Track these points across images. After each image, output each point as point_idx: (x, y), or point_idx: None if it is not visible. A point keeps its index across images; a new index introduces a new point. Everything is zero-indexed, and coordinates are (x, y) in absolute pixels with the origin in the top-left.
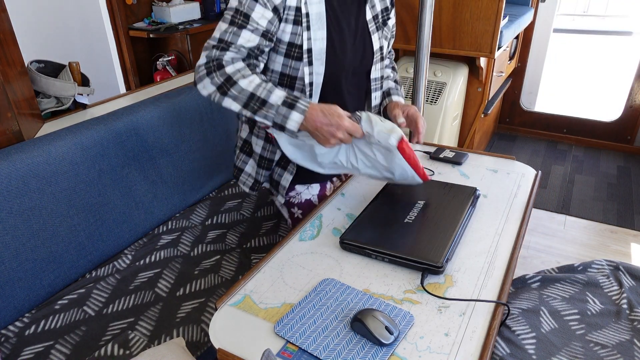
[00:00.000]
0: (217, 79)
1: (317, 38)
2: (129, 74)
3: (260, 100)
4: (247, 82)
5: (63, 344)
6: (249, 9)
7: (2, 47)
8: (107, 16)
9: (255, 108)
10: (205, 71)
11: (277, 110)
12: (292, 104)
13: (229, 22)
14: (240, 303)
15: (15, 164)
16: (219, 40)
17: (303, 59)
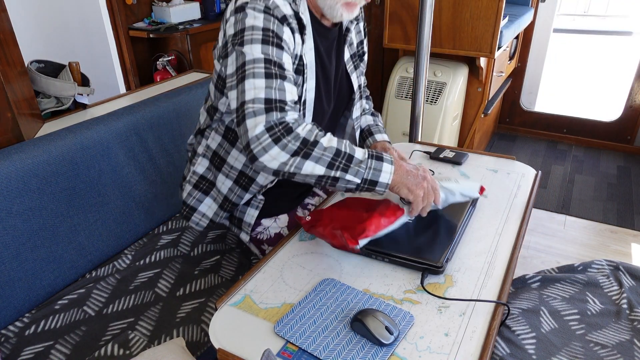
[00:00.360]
0: (292, 145)
1: (309, 88)
2: (129, 74)
3: (347, 157)
4: (327, 140)
5: (63, 344)
6: (279, 57)
7: (2, 47)
8: (107, 16)
9: (342, 166)
10: (270, 139)
11: (367, 164)
12: (378, 156)
13: (265, 75)
14: (240, 303)
15: (15, 164)
16: (267, 101)
17: (299, 111)
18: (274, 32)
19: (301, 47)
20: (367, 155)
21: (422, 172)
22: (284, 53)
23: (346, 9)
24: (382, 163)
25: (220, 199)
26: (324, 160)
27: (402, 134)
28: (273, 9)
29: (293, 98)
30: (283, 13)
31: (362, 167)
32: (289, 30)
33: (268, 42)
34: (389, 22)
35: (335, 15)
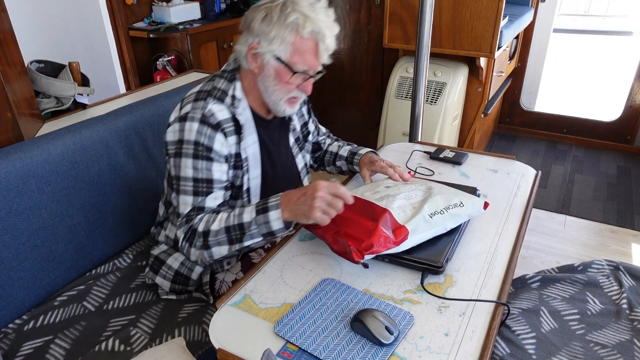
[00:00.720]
0: (197, 243)
1: (254, 177)
2: (129, 74)
3: (237, 227)
4: (218, 223)
5: (63, 338)
6: (207, 172)
7: (2, 47)
8: (107, 16)
9: (238, 237)
10: (187, 245)
11: (256, 223)
12: (264, 208)
13: (193, 192)
14: (241, 303)
15: (14, 164)
16: (188, 214)
17: (242, 198)
18: (203, 145)
19: (237, 146)
20: (255, 214)
21: (310, 192)
22: (213, 163)
23: (289, 104)
24: (267, 214)
25: (172, 275)
26: (222, 242)
27: (402, 134)
28: (208, 117)
29: (211, 206)
30: (217, 120)
31: (253, 228)
32: (222, 136)
33: (199, 157)
34: (389, 22)
35: (279, 111)
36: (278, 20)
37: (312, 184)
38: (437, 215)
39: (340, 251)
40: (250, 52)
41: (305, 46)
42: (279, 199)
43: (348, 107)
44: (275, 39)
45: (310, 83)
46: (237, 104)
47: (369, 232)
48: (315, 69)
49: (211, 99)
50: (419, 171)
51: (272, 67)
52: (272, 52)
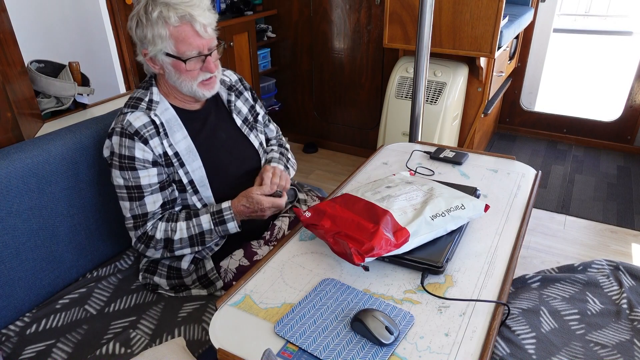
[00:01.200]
0: (157, 246)
1: (195, 169)
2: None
3: (198, 235)
4: (179, 233)
5: (65, 342)
6: (135, 180)
7: (2, 47)
8: (107, 16)
9: (200, 242)
10: (142, 245)
11: (216, 231)
12: (221, 220)
13: (128, 198)
14: (241, 303)
15: (15, 164)
16: (133, 218)
17: (187, 190)
18: (125, 157)
19: (161, 145)
20: (213, 225)
21: (259, 210)
22: (139, 171)
23: (205, 88)
24: (226, 225)
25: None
26: (185, 247)
27: (402, 134)
28: (126, 128)
29: (153, 208)
30: (135, 128)
31: (214, 235)
32: (141, 144)
33: (124, 168)
34: (389, 22)
35: (201, 96)
36: (147, 22)
37: (251, 196)
38: (439, 217)
39: (341, 252)
40: (146, 58)
41: (182, 33)
42: (231, 211)
43: (348, 107)
44: (155, 38)
45: (210, 61)
46: (155, 106)
47: (369, 235)
48: (206, 46)
49: (127, 109)
50: (419, 171)
51: (168, 64)
52: (160, 51)
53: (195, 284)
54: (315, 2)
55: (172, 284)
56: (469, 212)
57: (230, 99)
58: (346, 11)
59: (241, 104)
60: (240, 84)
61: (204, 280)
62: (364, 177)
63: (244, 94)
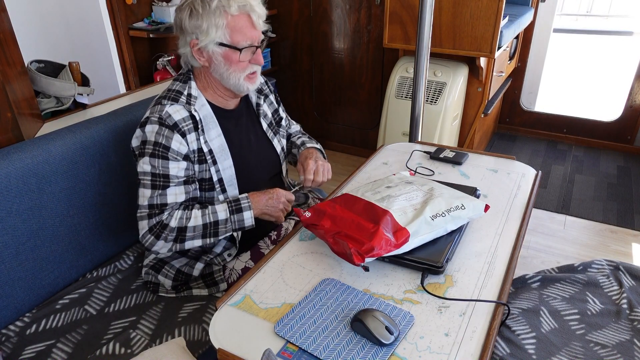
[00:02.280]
0: (169, 237)
1: (225, 167)
2: (129, 74)
3: (213, 224)
4: (194, 220)
5: (64, 342)
6: (164, 169)
7: (2, 47)
8: (107, 16)
9: (214, 232)
10: (152, 237)
11: (231, 221)
12: (238, 208)
13: (151, 186)
14: (241, 303)
15: (14, 164)
16: (149, 207)
17: (215, 189)
18: (161, 145)
19: (197, 141)
20: (229, 213)
21: (276, 197)
22: (169, 162)
23: (249, 81)
24: (242, 214)
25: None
26: (197, 237)
27: (402, 134)
28: (165, 119)
29: (175, 200)
30: (174, 121)
31: (229, 225)
32: (179, 136)
33: (155, 155)
34: (389, 22)
35: (243, 90)
36: (204, 11)
37: (274, 190)
38: (439, 217)
39: (341, 252)
40: (194, 49)
41: (239, 23)
42: (249, 200)
43: (348, 107)
44: (210, 28)
45: (260, 53)
46: (194, 101)
47: (369, 235)
48: (258, 39)
49: (166, 101)
50: (419, 171)
51: (219, 54)
52: (213, 41)
53: (199, 282)
54: (315, 2)
55: (175, 285)
56: (469, 212)
57: (259, 102)
58: (346, 11)
59: (267, 108)
60: (267, 86)
61: (208, 279)
62: (364, 177)
63: (270, 97)
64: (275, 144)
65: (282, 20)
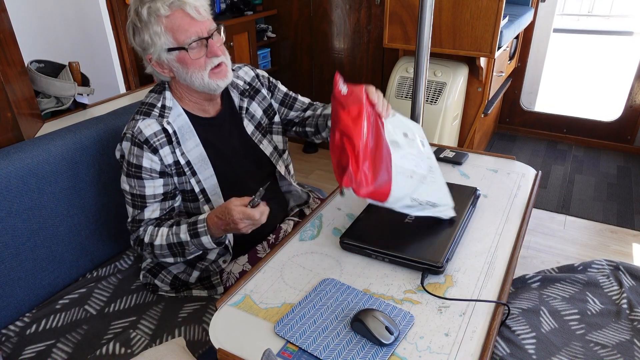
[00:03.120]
0: (147, 251)
1: (206, 177)
2: (129, 74)
3: (177, 245)
4: (160, 239)
5: (65, 342)
6: (140, 189)
7: (2, 47)
8: (107, 16)
9: (180, 252)
10: (138, 248)
11: (192, 243)
12: (195, 232)
13: (132, 205)
14: (241, 303)
15: (14, 164)
16: (131, 222)
17: (199, 199)
18: (133, 165)
19: (172, 154)
20: (189, 237)
21: (232, 222)
22: (144, 181)
23: (216, 77)
24: (200, 238)
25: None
26: (166, 255)
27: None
28: (137, 136)
29: (150, 216)
30: (145, 137)
31: (192, 247)
32: (150, 154)
33: (130, 175)
34: (389, 22)
35: (214, 88)
36: (141, 24)
37: (226, 209)
38: (417, 202)
39: (337, 160)
40: (153, 64)
41: (175, 21)
42: (205, 225)
43: None
44: (153, 38)
45: (213, 45)
46: (168, 112)
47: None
48: (204, 30)
49: (139, 116)
50: None
51: (174, 60)
52: (162, 50)
53: (197, 284)
54: (315, 2)
55: (173, 287)
56: (436, 211)
57: (243, 105)
58: (346, 11)
59: (256, 107)
60: (257, 80)
61: (206, 282)
62: None
63: (262, 92)
64: (264, 146)
65: (282, 20)
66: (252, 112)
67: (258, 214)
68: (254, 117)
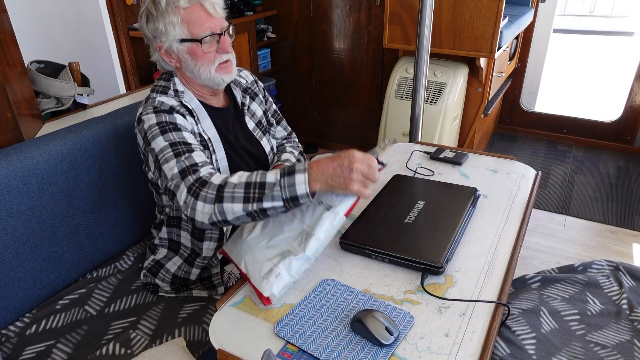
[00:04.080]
0: (210, 194)
1: (220, 158)
2: (129, 74)
3: (258, 185)
4: (237, 178)
5: (65, 342)
6: (181, 138)
7: (2, 47)
8: (107, 16)
9: (257, 196)
10: (192, 198)
11: (280, 184)
12: (290, 171)
13: (174, 156)
14: (241, 303)
15: (15, 164)
16: (180, 172)
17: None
18: (167, 122)
19: (197, 126)
20: (278, 176)
21: (347, 163)
22: (183, 132)
23: (223, 72)
24: (293, 176)
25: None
26: (237, 197)
27: (402, 134)
28: (160, 106)
29: (203, 160)
30: (169, 105)
31: (276, 189)
32: (180, 116)
33: (166, 131)
34: (389, 22)
35: (219, 82)
36: (157, 13)
37: (347, 153)
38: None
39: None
40: (161, 53)
41: (193, 15)
42: (306, 165)
43: (348, 107)
44: (167, 27)
45: (225, 41)
46: (182, 95)
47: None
48: (218, 26)
49: (155, 94)
50: (419, 171)
51: (184, 51)
52: (174, 40)
53: (197, 284)
54: (315, 3)
55: (174, 287)
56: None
57: (245, 101)
58: (346, 11)
59: (256, 106)
60: (256, 85)
61: (206, 282)
62: None
63: (259, 96)
64: (264, 143)
65: (282, 20)
66: (252, 110)
67: (376, 164)
68: (254, 115)
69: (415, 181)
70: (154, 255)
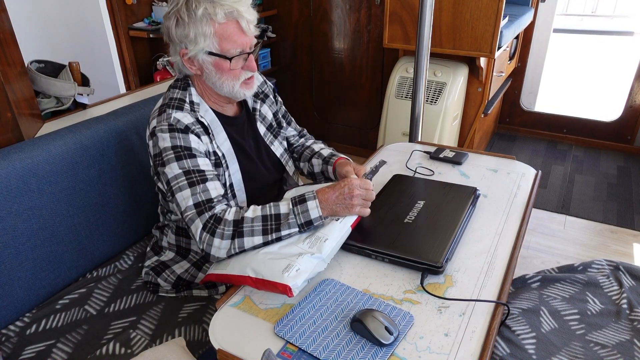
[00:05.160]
0: (227, 231)
1: (234, 172)
2: (129, 74)
3: (274, 217)
4: (252, 212)
5: (65, 342)
6: (195, 165)
7: (2, 47)
8: (107, 16)
9: (274, 226)
10: (208, 235)
11: (294, 212)
12: (301, 199)
13: (189, 185)
14: (241, 303)
15: (15, 164)
16: (195, 205)
17: (227, 194)
18: (182, 147)
19: (211, 144)
20: (291, 205)
21: (347, 191)
22: (197, 159)
23: (246, 87)
24: (305, 204)
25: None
26: (256, 230)
27: (402, 134)
28: (175, 124)
29: (218, 193)
30: (185, 124)
31: (291, 217)
32: (195, 137)
33: (181, 157)
34: (389, 22)
35: (239, 96)
36: (190, 20)
37: (346, 182)
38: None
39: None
40: (184, 59)
41: (227, 30)
42: (313, 192)
43: (348, 107)
44: (198, 37)
45: (252, 60)
46: (197, 107)
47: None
48: (248, 45)
49: (171, 110)
50: (419, 171)
51: (210, 63)
52: (202, 50)
53: (198, 284)
54: (315, 2)
55: (175, 287)
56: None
57: (256, 106)
58: (346, 11)
59: (267, 109)
60: (266, 85)
61: (208, 282)
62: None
63: (270, 97)
64: (275, 147)
65: (282, 20)
66: (263, 114)
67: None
68: (265, 118)
69: (415, 181)
70: (158, 257)
